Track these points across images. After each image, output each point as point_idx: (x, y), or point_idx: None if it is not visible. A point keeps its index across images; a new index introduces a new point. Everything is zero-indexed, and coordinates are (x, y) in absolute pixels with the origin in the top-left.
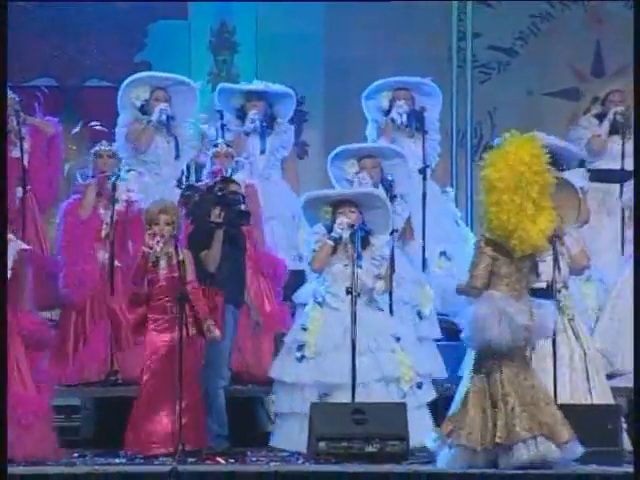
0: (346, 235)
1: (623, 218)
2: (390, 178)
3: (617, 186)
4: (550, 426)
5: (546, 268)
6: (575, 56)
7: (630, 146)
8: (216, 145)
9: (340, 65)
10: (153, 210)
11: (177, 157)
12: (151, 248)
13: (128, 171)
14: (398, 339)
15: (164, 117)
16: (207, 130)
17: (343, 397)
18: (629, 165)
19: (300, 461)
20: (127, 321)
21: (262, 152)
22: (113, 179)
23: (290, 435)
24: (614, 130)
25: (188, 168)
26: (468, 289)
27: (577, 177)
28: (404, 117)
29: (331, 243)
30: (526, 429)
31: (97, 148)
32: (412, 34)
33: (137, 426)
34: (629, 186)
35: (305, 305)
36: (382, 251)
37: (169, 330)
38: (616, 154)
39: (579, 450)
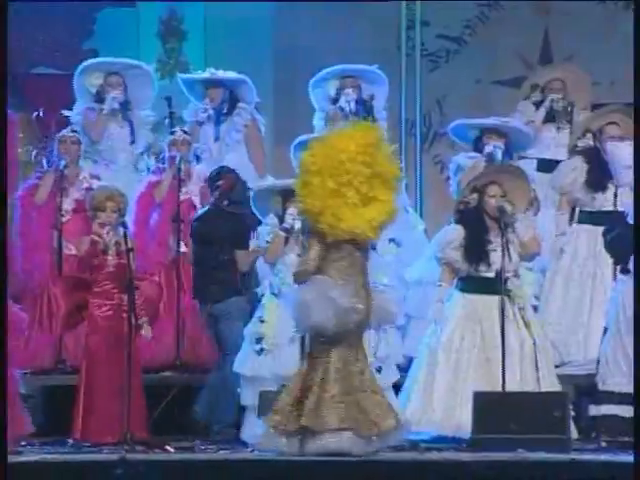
0: (297, 225)
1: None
2: None
3: (548, 176)
4: (368, 416)
5: (497, 257)
6: (523, 45)
7: (564, 136)
8: (173, 132)
9: (289, 53)
10: (99, 197)
11: (132, 142)
12: (100, 236)
13: (84, 159)
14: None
15: (116, 105)
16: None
17: None
18: (562, 155)
19: (249, 449)
20: (60, 306)
21: (216, 139)
22: (62, 165)
23: (253, 426)
24: (549, 118)
25: (146, 152)
26: (300, 273)
27: (529, 166)
28: (352, 105)
29: (283, 234)
30: (336, 420)
31: (62, 134)
32: (361, 23)
33: (84, 414)
34: (565, 168)
35: (262, 296)
36: None
37: (113, 317)
38: (548, 143)
39: (402, 437)
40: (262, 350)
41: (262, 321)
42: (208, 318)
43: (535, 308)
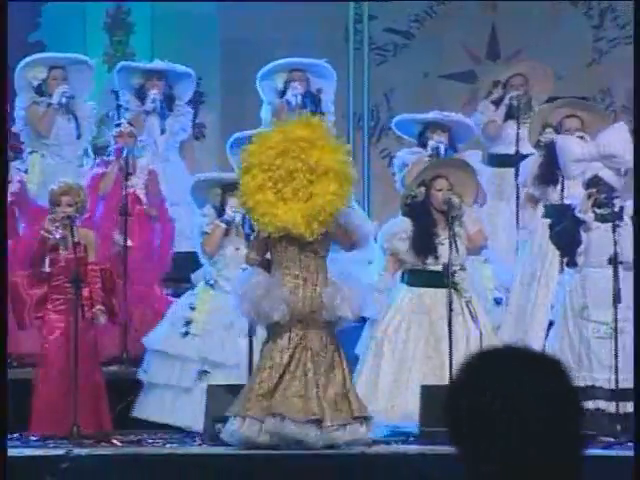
0: (238, 218)
1: (518, 200)
2: None
3: (512, 171)
4: (336, 406)
5: (444, 250)
6: (470, 39)
7: (524, 131)
8: (118, 125)
9: (236, 46)
10: (55, 192)
11: (78, 137)
12: (50, 233)
13: (30, 153)
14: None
15: (64, 99)
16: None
17: (222, 376)
18: (524, 149)
19: (196, 443)
20: (24, 300)
21: (162, 132)
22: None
23: (160, 406)
24: (510, 115)
25: (90, 146)
26: (246, 260)
27: (474, 159)
28: (299, 98)
29: (223, 226)
30: (303, 409)
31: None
32: (309, 16)
33: (37, 408)
34: (524, 167)
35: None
36: None
37: (66, 311)
38: (512, 139)
39: (369, 430)
40: (187, 334)
41: (192, 308)
42: None
43: (497, 301)
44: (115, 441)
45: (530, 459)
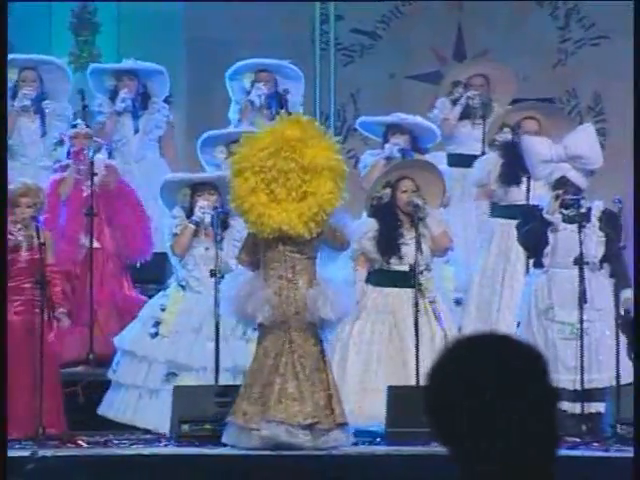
0: (207, 218)
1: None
2: None
3: (471, 170)
4: (323, 410)
5: (409, 251)
6: (437, 40)
7: (479, 132)
8: (75, 126)
9: (202, 46)
10: (14, 193)
11: (43, 135)
12: (11, 234)
13: None
14: (255, 329)
15: (27, 102)
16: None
17: (190, 379)
18: (477, 150)
19: (162, 444)
20: None
21: (136, 132)
22: None
23: (124, 405)
24: (465, 114)
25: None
26: (237, 261)
27: (437, 160)
28: (263, 99)
29: (193, 227)
30: (292, 412)
31: None
32: (275, 16)
33: None
34: (481, 162)
35: (167, 287)
36: (242, 233)
37: (25, 312)
38: (465, 139)
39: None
40: (157, 334)
41: (163, 309)
42: None
43: (458, 302)
44: (81, 442)
45: (530, 459)
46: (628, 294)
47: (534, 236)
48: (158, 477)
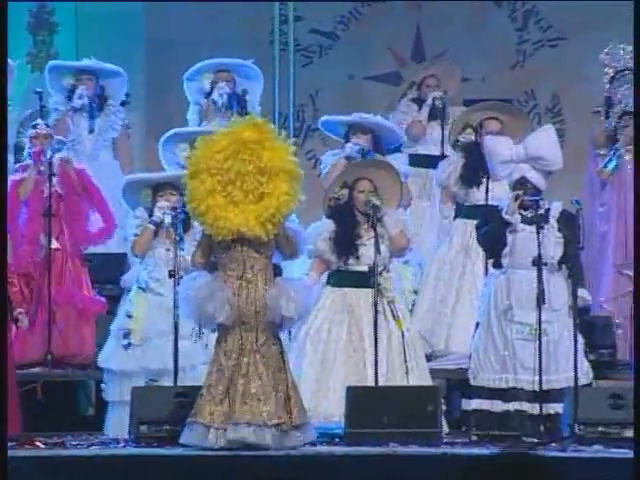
0: (168, 219)
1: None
2: None
3: (435, 171)
4: (288, 409)
5: (366, 251)
6: (396, 40)
7: (438, 132)
8: (35, 126)
9: (161, 46)
10: None
11: None
12: None
13: None
14: (214, 330)
15: None
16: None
17: (170, 382)
18: (438, 150)
19: (121, 445)
20: None
21: (91, 132)
22: None
23: (121, 423)
24: (433, 116)
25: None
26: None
27: (399, 161)
28: (225, 98)
29: (152, 227)
30: (256, 413)
31: None
32: (234, 16)
33: None
34: (444, 163)
35: (130, 290)
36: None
37: None
38: (435, 139)
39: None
40: (129, 345)
41: (129, 316)
42: None
43: (414, 302)
44: (38, 443)
45: None
46: (582, 294)
47: (493, 237)
48: (116, 478)
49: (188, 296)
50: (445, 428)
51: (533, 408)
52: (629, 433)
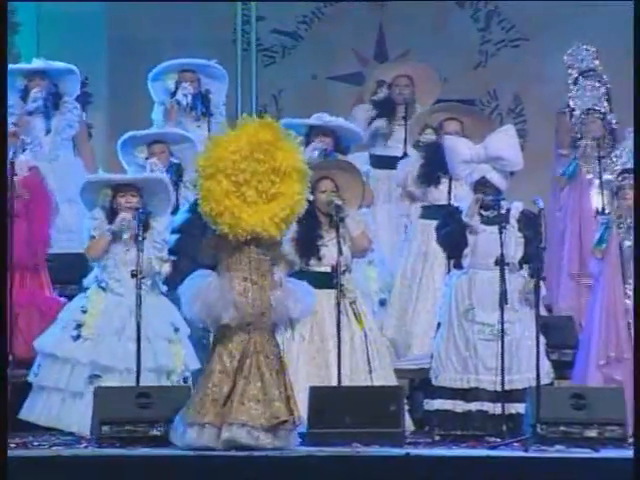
0: (126, 234)
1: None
2: (177, 162)
3: (394, 171)
4: (284, 410)
5: (328, 252)
6: (358, 41)
7: (400, 132)
8: None
9: (124, 46)
10: None
11: None
12: None
13: None
14: (177, 329)
15: None
16: None
17: (114, 381)
18: (398, 151)
19: (83, 445)
20: None
21: (47, 132)
22: None
23: (47, 409)
24: (397, 116)
25: None
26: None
27: (360, 161)
28: (189, 98)
29: (108, 237)
30: (253, 414)
31: None
32: (196, 16)
33: None
34: (403, 163)
35: (87, 288)
36: (163, 234)
37: None
38: (397, 140)
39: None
40: (79, 337)
41: (84, 311)
42: None
43: (382, 302)
44: None
45: None
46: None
47: (453, 238)
48: (79, 478)
49: (196, 295)
50: (410, 427)
51: (495, 408)
52: (590, 433)
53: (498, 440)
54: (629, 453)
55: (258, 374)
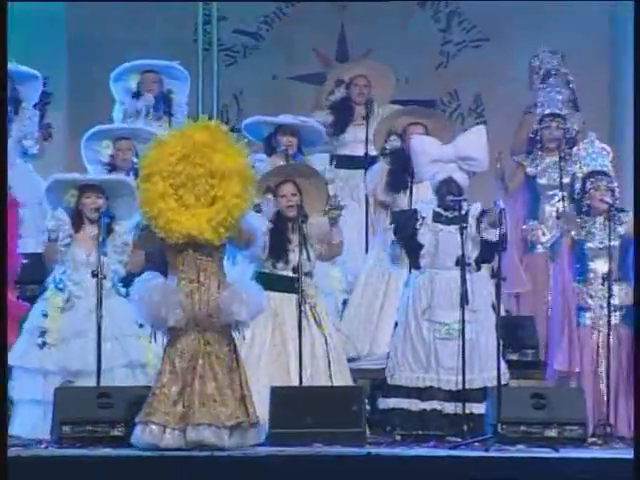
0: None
1: (367, 204)
2: (135, 161)
3: (361, 172)
4: (246, 410)
5: (295, 256)
6: (320, 41)
7: (362, 131)
8: None
9: (84, 46)
10: None
11: None
12: None
13: None
14: (141, 325)
15: None
16: None
17: (88, 384)
18: (360, 151)
19: (43, 446)
20: None
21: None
22: None
23: (32, 423)
24: (356, 116)
25: None
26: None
27: (322, 162)
28: (151, 99)
29: (57, 249)
30: (213, 414)
31: None
32: (157, 16)
33: None
34: (371, 173)
35: (46, 290)
36: (124, 238)
37: None
38: (359, 140)
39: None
40: (45, 344)
41: (44, 315)
42: None
43: (345, 303)
44: None
45: None
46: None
47: (412, 238)
48: (38, 479)
49: (142, 298)
50: (367, 427)
51: (450, 407)
52: (551, 433)
53: (459, 440)
54: (589, 453)
55: (212, 374)
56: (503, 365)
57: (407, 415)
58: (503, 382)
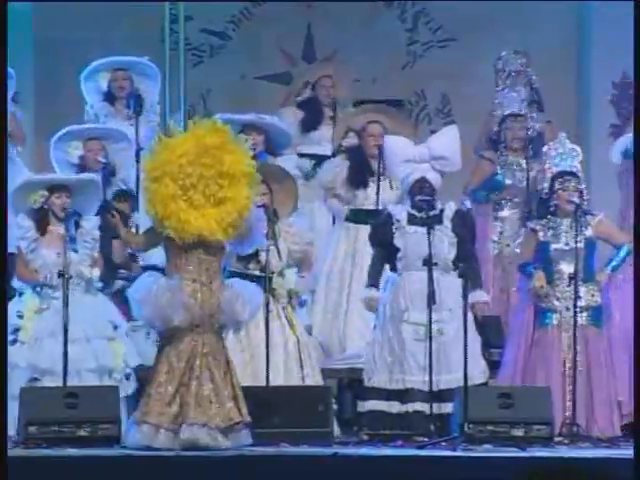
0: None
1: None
2: (104, 161)
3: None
4: (239, 410)
5: (265, 255)
6: (286, 40)
7: (328, 131)
8: None
9: (51, 46)
10: None
11: None
12: None
13: None
14: (116, 327)
15: None
16: None
17: (52, 383)
18: (326, 150)
19: (8, 446)
20: None
21: None
22: None
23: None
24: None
25: None
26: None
27: (290, 163)
28: (123, 98)
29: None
30: (209, 414)
31: None
32: (124, 15)
33: None
34: (329, 165)
35: (22, 293)
36: (93, 233)
37: None
38: (327, 139)
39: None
40: (15, 341)
41: (20, 316)
42: None
43: (302, 304)
44: None
45: None
46: (479, 296)
47: (386, 239)
48: None
49: (145, 298)
50: (336, 427)
51: (425, 408)
52: (517, 432)
53: (426, 439)
54: (555, 452)
55: (209, 375)
56: (484, 364)
57: (375, 415)
58: (483, 381)
